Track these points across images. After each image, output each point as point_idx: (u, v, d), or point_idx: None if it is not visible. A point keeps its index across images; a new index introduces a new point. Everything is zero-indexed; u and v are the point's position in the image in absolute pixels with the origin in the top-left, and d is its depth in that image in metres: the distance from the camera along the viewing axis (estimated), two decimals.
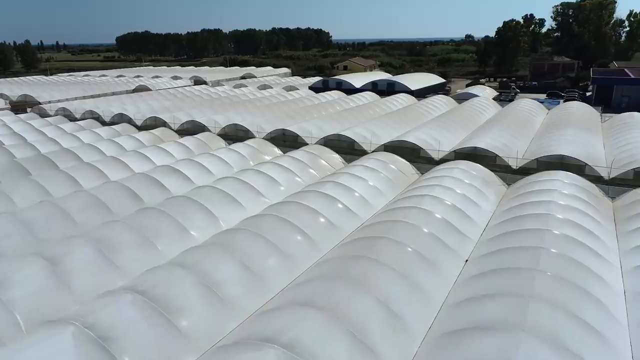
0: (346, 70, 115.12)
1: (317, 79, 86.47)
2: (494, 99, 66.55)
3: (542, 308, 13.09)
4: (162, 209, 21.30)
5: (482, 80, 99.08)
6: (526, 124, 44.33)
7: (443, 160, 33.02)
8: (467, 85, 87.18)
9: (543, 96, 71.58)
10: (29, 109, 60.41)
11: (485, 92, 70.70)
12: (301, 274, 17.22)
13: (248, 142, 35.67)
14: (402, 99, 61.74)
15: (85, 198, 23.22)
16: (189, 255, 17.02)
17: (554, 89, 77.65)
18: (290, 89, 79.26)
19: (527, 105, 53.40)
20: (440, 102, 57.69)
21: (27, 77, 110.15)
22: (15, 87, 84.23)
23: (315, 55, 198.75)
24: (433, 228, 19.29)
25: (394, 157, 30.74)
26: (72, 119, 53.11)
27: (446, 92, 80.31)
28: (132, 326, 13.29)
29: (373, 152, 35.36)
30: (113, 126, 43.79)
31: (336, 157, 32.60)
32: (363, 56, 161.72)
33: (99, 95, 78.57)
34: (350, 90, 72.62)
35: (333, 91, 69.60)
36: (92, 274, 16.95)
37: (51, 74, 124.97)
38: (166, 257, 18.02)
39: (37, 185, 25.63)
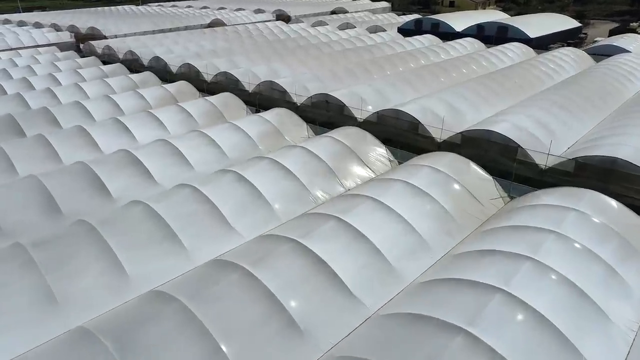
0: (452, 7, 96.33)
1: (412, 17, 71.47)
2: None
3: None
4: (35, 249, 13.00)
5: (634, 25, 75.56)
6: None
7: (553, 173, 20.53)
8: (611, 32, 66.33)
9: None
10: (81, 45, 55.86)
11: (636, 45, 51.47)
12: None
13: (268, 114, 25.83)
14: (514, 50, 46.36)
15: None
16: None
17: None
18: (375, 29, 65.99)
19: None
20: (567, 59, 41.72)
21: (114, 7, 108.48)
22: (92, 18, 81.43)
23: None
24: None
25: (466, 166, 19.06)
26: (111, 59, 47.17)
27: (579, 42, 61.40)
28: None
29: (438, 149, 23.71)
30: (135, 75, 36.42)
31: (379, 154, 21.64)
32: None
33: (169, 30, 72.66)
34: (447, 34, 57.71)
35: (425, 35, 55.44)
36: None
37: (143, 3, 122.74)
38: None
39: None
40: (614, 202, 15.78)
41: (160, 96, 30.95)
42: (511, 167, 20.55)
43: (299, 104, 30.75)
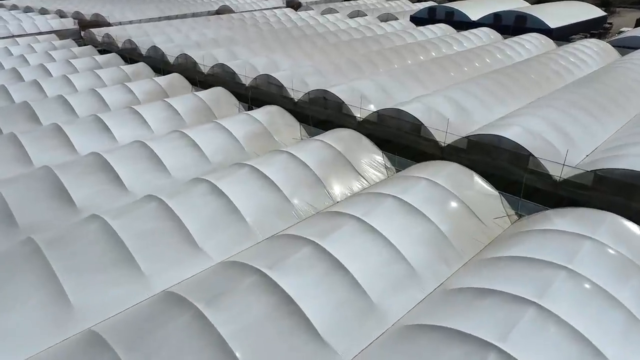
0: None
1: (426, 5, 68.36)
2: None
3: None
4: None
5: None
6: None
7: (569, 186, 18.34)
8: (639, 22, 62.49)
9: None
10: (82, 32, 54.46)
11: None
12: None
13: (258, 112, 23.98)
14: (532, 42, 43.47)
15: None
16: None
17: None
18: (386, 18, 63.25)
19: None
20: (589, 52, 38.83)
21: None
22: (99, 3, 79.96)
23: None
24: None
25: (469, 179, 17.00)
26: (110, 48, 45.66)
27: (604, 32, 57.92)
28: None
29: (441, 154, 21.64)
30: (128, 67, 34.80)
31: (375, 161, 19.63)
32: None
33: (175, 17, 71.19)
34: (462, 23, 54.87)
35: (438, 24, 52.63)
36: None
37: None
38: None
39: None
40: (637, 229, 13.62)
41: (150, 90, 29.26)
42: (521, 178, 18.41)
43: (296, 100, 28.79)
